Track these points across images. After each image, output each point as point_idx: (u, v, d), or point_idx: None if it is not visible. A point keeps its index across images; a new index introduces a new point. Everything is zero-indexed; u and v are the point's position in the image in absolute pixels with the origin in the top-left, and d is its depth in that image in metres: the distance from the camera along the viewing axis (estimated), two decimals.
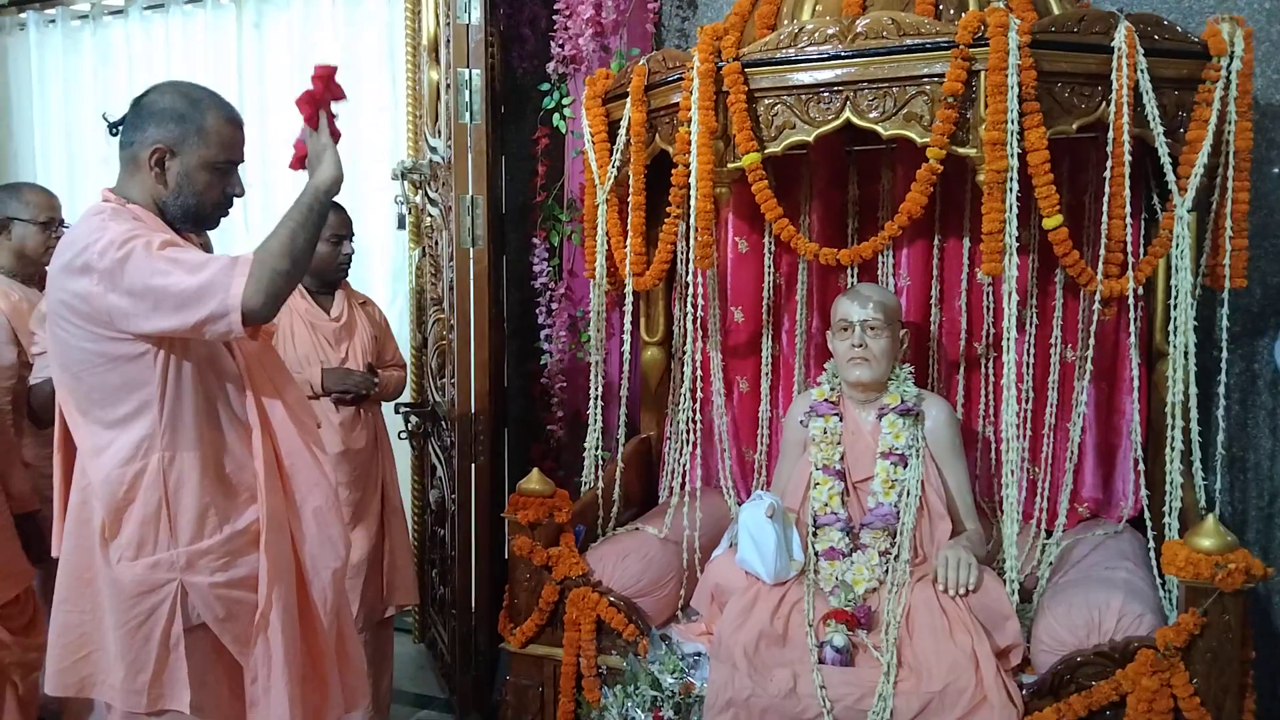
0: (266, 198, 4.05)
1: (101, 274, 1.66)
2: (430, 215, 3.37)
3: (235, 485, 1.83)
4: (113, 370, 1.74)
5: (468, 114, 2.91)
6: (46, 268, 2.86)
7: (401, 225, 3.56)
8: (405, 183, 3.47)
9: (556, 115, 3.35)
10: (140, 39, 4.28)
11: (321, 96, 1.85)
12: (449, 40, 2.97)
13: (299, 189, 3.30)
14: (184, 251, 1.70)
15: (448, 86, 3.03)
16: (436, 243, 3.31)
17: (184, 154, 1.80)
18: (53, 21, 4.43)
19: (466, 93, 2.90)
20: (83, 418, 1.79)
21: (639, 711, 2.29)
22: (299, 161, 1.86)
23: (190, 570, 1.77)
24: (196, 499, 1.78)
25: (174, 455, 1.77)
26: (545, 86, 3.36)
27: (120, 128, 1.83)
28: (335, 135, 1.85)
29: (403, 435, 3.44)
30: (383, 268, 4.02)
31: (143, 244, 1.67)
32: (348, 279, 3.09)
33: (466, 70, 2.89)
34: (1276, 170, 2.81)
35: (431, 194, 3.32)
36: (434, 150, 3.24)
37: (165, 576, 1.76)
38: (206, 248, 2.80)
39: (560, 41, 3.27)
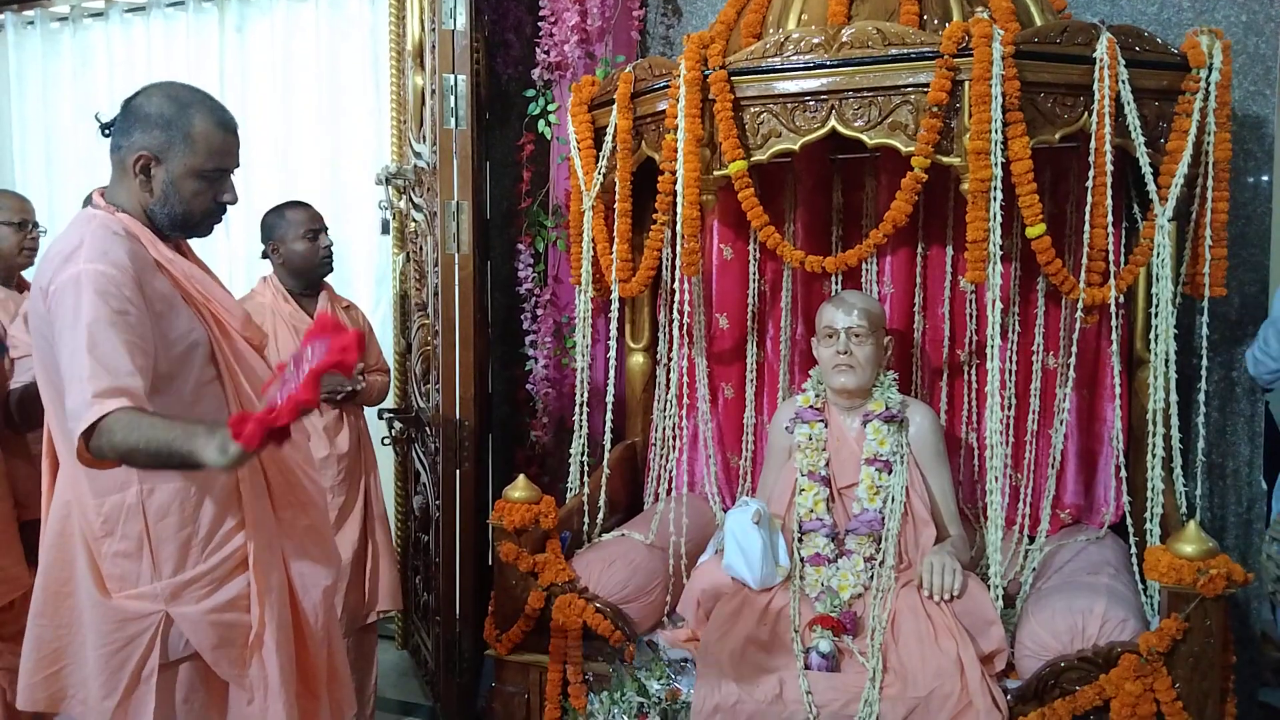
0: (248, 204, 4.02)
1: (50, 307, 1.63)
2: (414, 220, 3.36)
3: (221, 510, 1.77)
4: None
5: (453, 119, 2.90)
6: (21, 271, 2.89)
7: (385, 230, 3.56)
8: (389, 188, 3.46)
9: (541, 121, 3.35)
10: (120, 42, 4.24)
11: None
12: (434, 45, 2.97)
13: (282, 195, 3.30)
14: (104, 341, 1.57)
15: (433, 92, 3.02)
16: (421, 248, 3.30)
17: (169, 161, 1.72)
18: (31, 23, 4.38)
19: (452, 98, 2.89)
20: (59, 429, 1.74)
21: (625, 718, 2.29)
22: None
23: (176, 601, 1.72)
24: (178, 530, 1.73)
25: (153, 487, 1.71)
26: (530, 93, 3.36)
27: (111, 129, 1.76)
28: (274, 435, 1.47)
29: (386, 441, 3.43)
30: (366, 273, 4.00)
31: (73, 322, 1.58)
32: (329, 282, 3.08)
33: (452, 76, 2.88)
34: (1252, 180, 2.85)
35: (416, 199, 3.32)
36: (418, 155, 3.23)
37: (149, 608, 1.72)
38: None
39: (545, 48, 3.27)
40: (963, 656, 2.17)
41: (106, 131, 1.78)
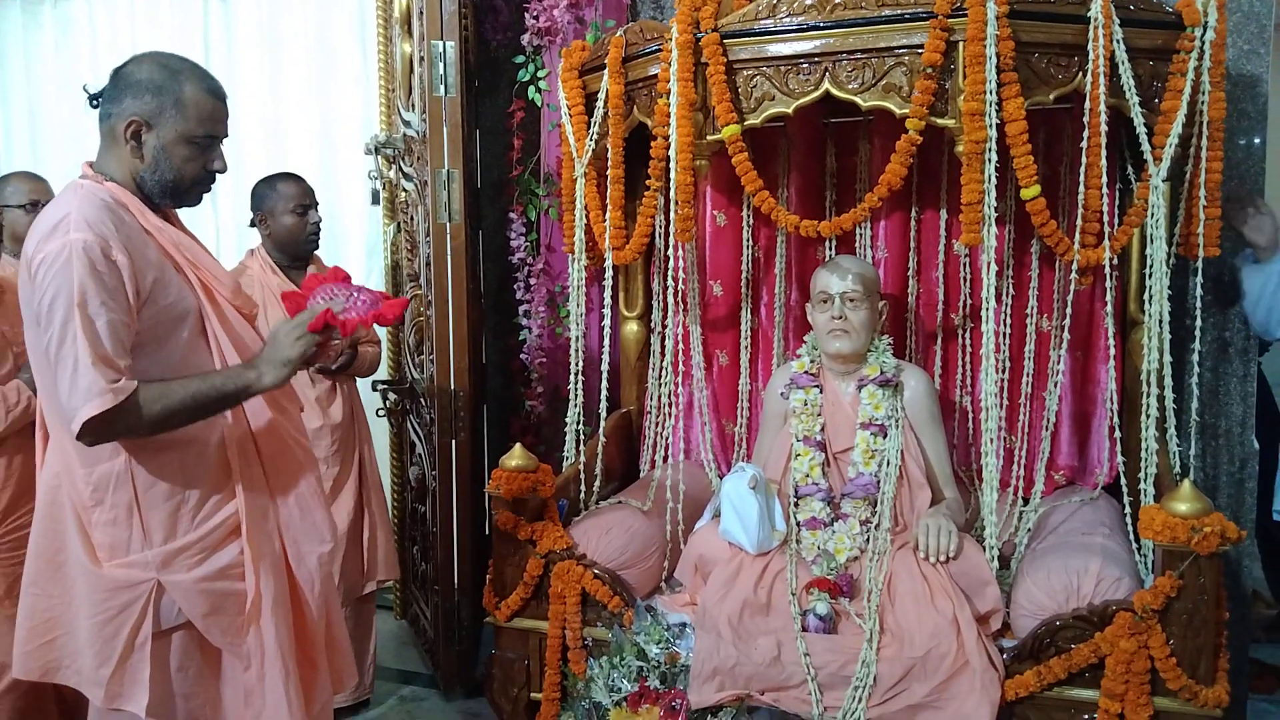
0: (236, 174, 3.98)
1: (34, 281, 1.63)
2: (405, 190, 3.33)
3: (211, 479, 1.78)
4: None
5: (442, 87, 2.88)
6: None
7: (375, 200, 3.53)
8: (379, 157, 3.43)
9: (531, 88, 3.32)
10: (103, 12, 4.17)
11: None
12: (421, 12, 2.93)
13: (271, 167, 3.27)
14: (102, 324, 1.62)
15: (421, 59, 2.99)
16: (412, 218, 3.28)
17: (160, 127, 1.73)
18: None
19: (440, 65, 2.87)
20: (48, 399, 1.75)
21: (625, 682, 2.31)
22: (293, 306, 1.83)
23: (167, 569, 1.73)
24: (167, 498, 1.74)
25: (142, 456, 1.72)
26: (520, 59, 3.32)
27: (100, 100, 1.76)
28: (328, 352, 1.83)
29: (381, 413, 3.42)
30: (357, 244, 3.98)
31: (66, 302, 1.60)
32: (318, 254, 3.07)
33: (440, 42, 2.86)
34: (1244, 141, 2.84)
35: (405, 168, 3.29)
36: (408, 124, 3.20)
37: (141, 576, 1.73)
38: None
39: (534, 13, 3.23)
40: (959, 617, 2.18)
41: (95, 102, 1.78)
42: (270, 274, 2.93)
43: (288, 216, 2.89)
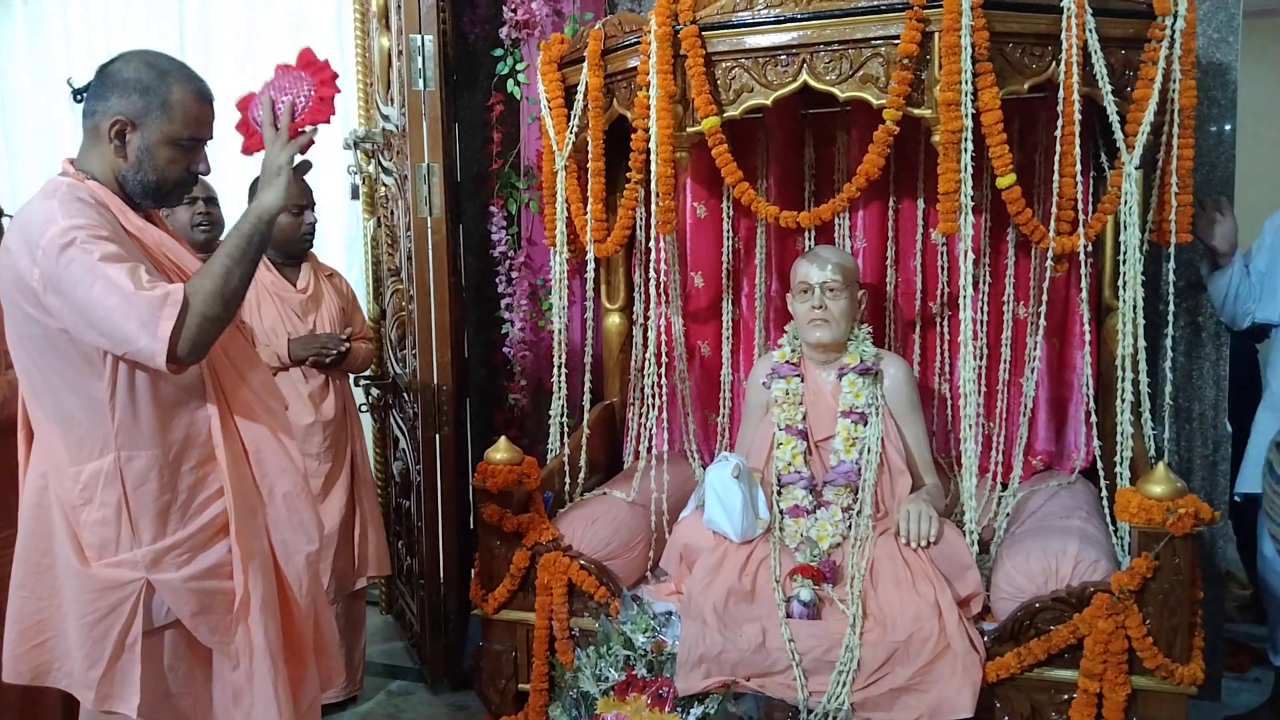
0: (212, 175, 3.97)
1: (43, 271, 1.61)
2: (384, 185, 3.33)
3: (199, 478, 1.78)
4: (60, 359, 1.68)
5: (421, 81, 2.88)
6: None
7: (355, 195, 3.53)
8: (358, 152, 3.43)
9: (510, 81, 3.32)
10: (77, 7, 4.13)
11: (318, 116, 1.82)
12: (399, 6, 2.93)
13: (248, 164, 3.24)
14: (122, 271, 1.61)
15: (399, 53, 2.99)
16: (392, 213, 3.28)
17: (146, 127, 1.72)
18: None
19: (419, 59, 2.86)
20: (34, 399, 1.75)
21: (612, 671, 2.33)
22: (249, 149, 1.83)
23: (156, 568, 1.73)
24: (157, 496, 1.73)
25: (131, 454, 1.71)
26: (498, 52, 3.32)
27: (84, 95, 1.75)
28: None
29: (364, 408, 3.42)
30: (337, 239, 3.96)
31: (83, 252, 1.59)
32: (313, 252, 3.07)
33: (419, 36, 2.85)
34: (1215, 129, 2.88)
35: (385, 163, 3.29)
36: (386, 119, 3.20)
37: (129, 575, 1.72)
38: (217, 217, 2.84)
39: (512, 6, 3.23)
40: (940, 601, 2.22)
41: (79, 97, 1.76)
42: (264, 271, 2.92)
43: (283, 216, 2.88)
